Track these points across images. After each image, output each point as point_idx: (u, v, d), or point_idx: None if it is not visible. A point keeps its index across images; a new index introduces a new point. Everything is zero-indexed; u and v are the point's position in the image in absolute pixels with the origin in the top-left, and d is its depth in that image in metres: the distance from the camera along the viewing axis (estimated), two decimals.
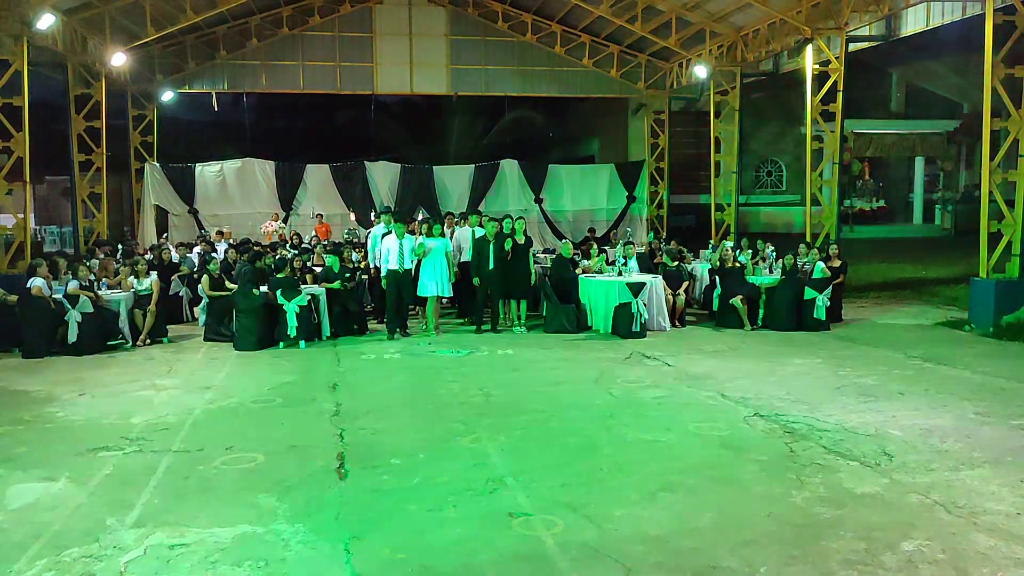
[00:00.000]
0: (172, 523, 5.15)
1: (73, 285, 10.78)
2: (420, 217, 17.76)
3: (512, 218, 12.38)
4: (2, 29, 13.43)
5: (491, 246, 11.96)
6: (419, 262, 11.88)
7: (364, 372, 9.64)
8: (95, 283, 11.43)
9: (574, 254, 13.35)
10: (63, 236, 25.33)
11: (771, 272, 13.23)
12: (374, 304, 13.28)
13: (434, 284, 11.86)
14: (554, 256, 12.99)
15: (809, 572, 4.39)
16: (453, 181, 22.07)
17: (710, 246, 16.75)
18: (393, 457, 6.39)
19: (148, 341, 11.45)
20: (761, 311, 12.49)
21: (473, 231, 12.86)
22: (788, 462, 6.16)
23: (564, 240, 15.16)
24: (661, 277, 12.65)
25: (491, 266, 11.98)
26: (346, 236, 17.70)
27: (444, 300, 12.75)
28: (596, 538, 4.84)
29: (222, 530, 5.03)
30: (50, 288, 10.86)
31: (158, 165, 20.75)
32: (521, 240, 12.22)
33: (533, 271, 12.46)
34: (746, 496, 5.50)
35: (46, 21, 13.71)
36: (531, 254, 12.49)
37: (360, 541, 4.85)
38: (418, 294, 12.05)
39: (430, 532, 4.96)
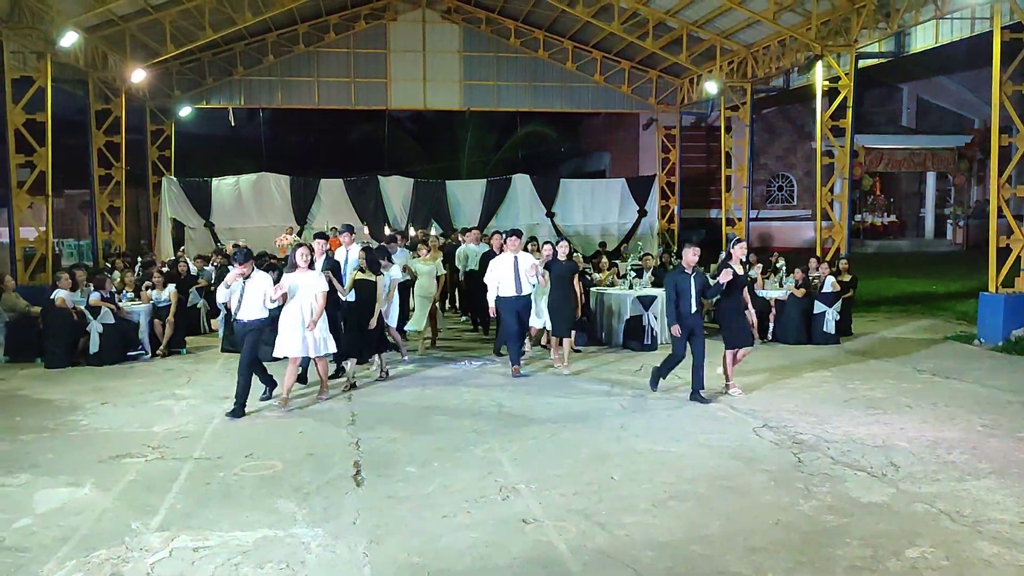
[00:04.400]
0: (195, 527, 5.31)
1: (95, 297, 11.00)
2: (433, 232, 17.95)
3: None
4: (26, 46, 13.77)
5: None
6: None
7: (378, 382, 9.79)
8: (115, 295, 11.65)
9: (584, 266, 13.38)
10: (80, 249, 25.66)
11: (781, 286, 13.31)
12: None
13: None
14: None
15: None
16: (465, 195, 22.29)
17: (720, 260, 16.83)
18: (408, 465, 6.53)
19: (166, 352, 11.65)
20: (771, 325, 12.57)
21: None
22: (796, 472, 6.27)
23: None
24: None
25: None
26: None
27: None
28: (607, 544, 4.97)
29: (244, 533, 5.19)
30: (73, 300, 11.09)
31: (175, 179, 21.07)
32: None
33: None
34: (754, 505, 5.61)
35: (69, 39, 14.02)
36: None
37: (377, 545, 5.00)
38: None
39: (446, 537, 5.10)
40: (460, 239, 15.04)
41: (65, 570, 4.72)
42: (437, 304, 11.86)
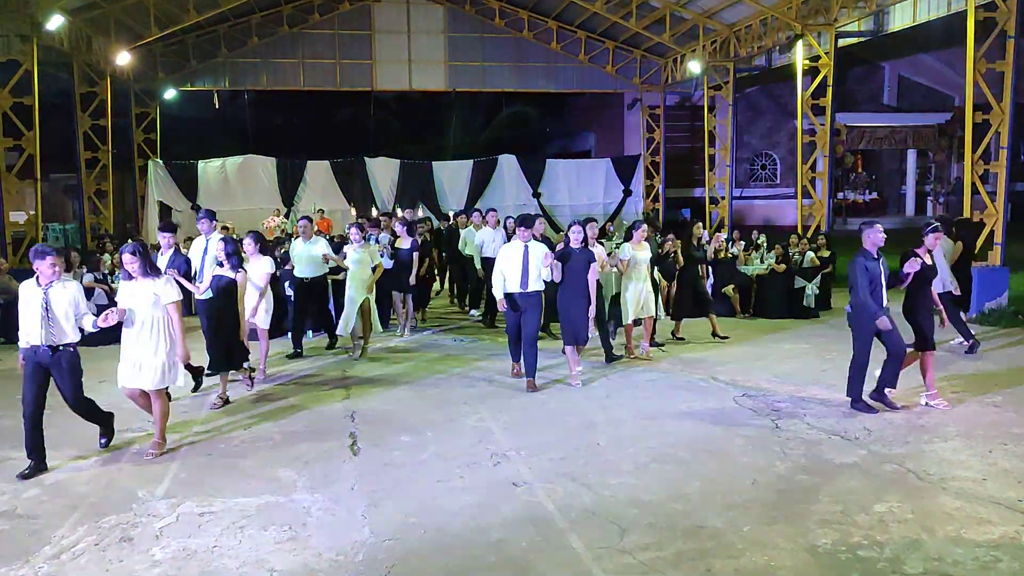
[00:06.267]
0: (200, 494, 5.54)
1: (88, 278, 11.15)
2: (420, 213, 18.10)
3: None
4: (12, 30, 13.81)
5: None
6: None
7: (372, 358, 10.01)
8: (107, 276, 11.79)
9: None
10: (66, 233, 25.65)
11: (763, 263, 13.62)
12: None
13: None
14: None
15: (788, 531, 4.79)
16: (452, 176, 22.47)
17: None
18: (402, 435, 6.79)
19: None
20: (752, 299, 12.88)
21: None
22: (773, 436, 6.57)
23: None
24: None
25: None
26: (348, 231, 18.05)
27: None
28: (593, 503, 5.25)
29: (247, 499, 5.43)
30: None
31: (161, 162, 21.13)
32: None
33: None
34: (733, 467, 5.91)
35: (55, 22, 14.08)
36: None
37: (376, 508, 5.25)
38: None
39: (440, 499, 5.37)
40: (459, 222, 13.99)
41: (77, 535, 4.94)
42: (371, 299, 10.07)
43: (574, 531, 4.84)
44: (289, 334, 10.67)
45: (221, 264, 7.76)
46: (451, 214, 17.62)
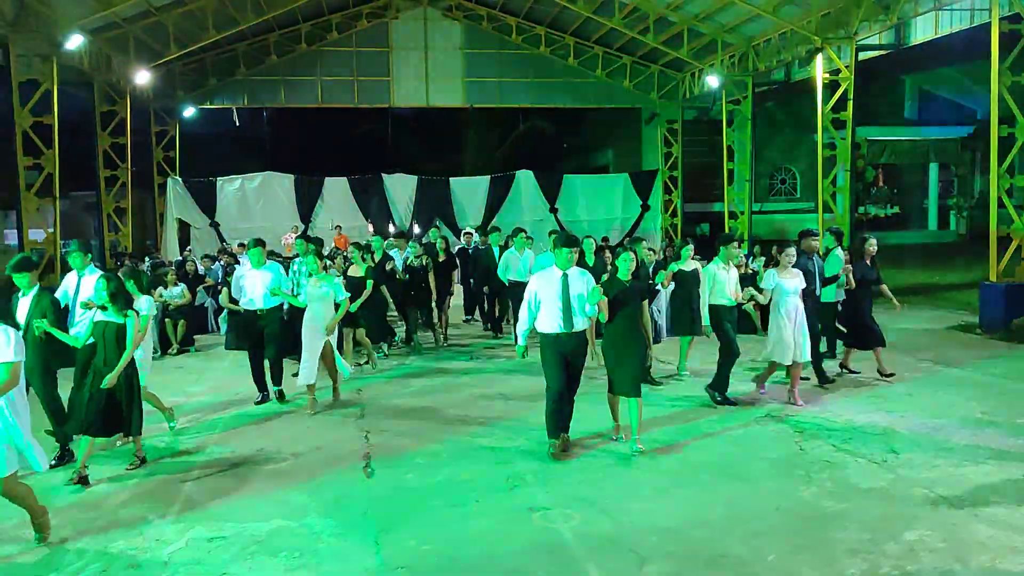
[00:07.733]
0: (210, 518, 5.45)
1: None
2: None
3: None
4: (32, 50, 13.90)
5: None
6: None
7: (386, 378, 9.92)
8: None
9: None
10: None
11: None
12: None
13: None
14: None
15: (814, 560, 4.62)
16: (469, 192, 22.42)
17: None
18: (417, 457, 6.66)
19: (177, 350, 11.82)
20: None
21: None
22: (797, 459, 6.38)
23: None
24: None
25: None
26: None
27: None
28: (612, 530, 5.09)
29: (257, 524, 5.32)
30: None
31: (180, 180, 21.23)
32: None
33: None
34: (756, 491, 5.73)
35: (75, 42, 14.17)
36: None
37: (388, 534, 5.13)
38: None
39: (454, 525, 5.23)
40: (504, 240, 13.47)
41: (84, 560, 4.85)
42: (332, 342, 8.51)
43: (592, 559, 4.69)
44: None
45: (104, 308, 6.28)
46: (470, 229, 17.51)
